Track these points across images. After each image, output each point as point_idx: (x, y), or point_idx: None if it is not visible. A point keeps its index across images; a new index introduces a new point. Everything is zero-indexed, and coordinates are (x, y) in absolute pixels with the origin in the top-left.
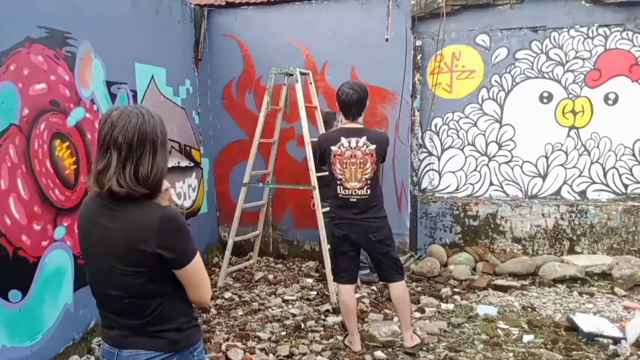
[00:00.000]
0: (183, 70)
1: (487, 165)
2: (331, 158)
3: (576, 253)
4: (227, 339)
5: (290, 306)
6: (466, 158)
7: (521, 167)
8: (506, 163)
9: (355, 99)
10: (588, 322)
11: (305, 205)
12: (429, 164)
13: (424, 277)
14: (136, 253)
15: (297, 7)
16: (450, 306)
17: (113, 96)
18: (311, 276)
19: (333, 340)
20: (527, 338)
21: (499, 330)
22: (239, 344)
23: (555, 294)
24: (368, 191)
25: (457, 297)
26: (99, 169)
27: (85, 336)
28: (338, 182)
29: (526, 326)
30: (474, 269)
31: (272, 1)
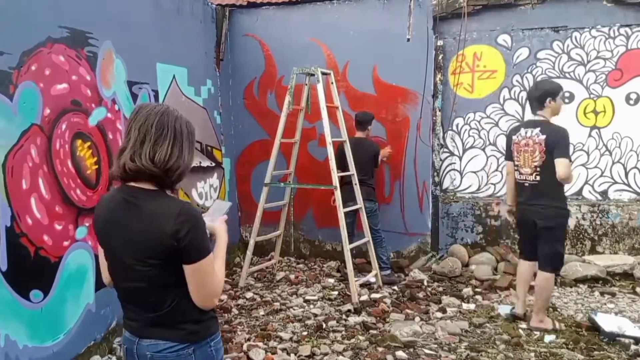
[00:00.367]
0: (204, 70)
1: None
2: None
3: (597, 253)
4: (249, 339)
5: (311, 306)
6: (488, 158)
7: None
8: None
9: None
10: (609, 322)
11: (326, 205)
12: (451, 164)
13: (446, 277)
14: (153, 244)
15: (319, 7)
16: (471, 306)
17: (134, 96)
18: (333, 276)
19: (354, 340)
20: (549, 338)
21: (521, 330)
22: (261, 344)
23: (576, 294)
24: (537, 177)
25: (479, 297)
26: (120, 148)
27: (106, 336)
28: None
29: None
30: (496, 269)
31: (294, 1)
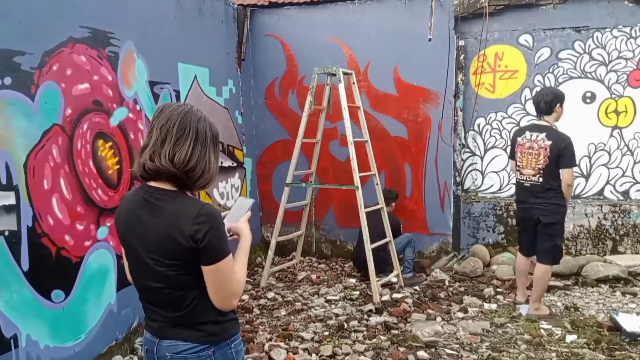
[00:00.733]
0: (226, 70)
1: None
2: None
3: (619, 253)
4: (270, 339)
5: (333, 306)
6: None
7: None
8: None
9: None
10: (631, 322)
11: (348, 205)
12: (472, 164)
13: (467, 277)
14: (172, 245)
15: (340, 7)
16: (493, 306)
17: (156, 96)
18: (354, 276)
19: (376, 340)
20: (570, 338)
21: (542, 330)
22: (282, 344)
23: (598, 294)
24: (540, 179)
25: (500, 297)
26: (142, 147)
27: (128, 336)
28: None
29: (569, 326)
30: None
31: (316, 1)
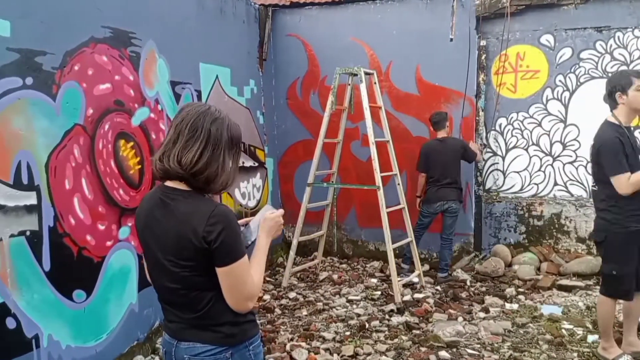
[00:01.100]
0: (247, 70)
1: (552, 165)
2: None
3: None
4: (292, 339)
5: (354, 306)
6: (530, 158)
7: (585, 167)
8: (571, 163)
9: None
10: None
11: (369, 205)
12: (494, 164)
13: (489, 277)
14: (186, 245)
15: (362, 7)
16: (514, 306)
17: (177, 96)
18: (375, 276)
19: (397, 340)
20: (592, 338)
21: (564, 330)
22: (304, 344)
23: None
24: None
25: (522, 297)
26: (159, 146)
27: (149, 336)
28: None
29: (590, 326)
30: (539, 269)
31: (337, 1)
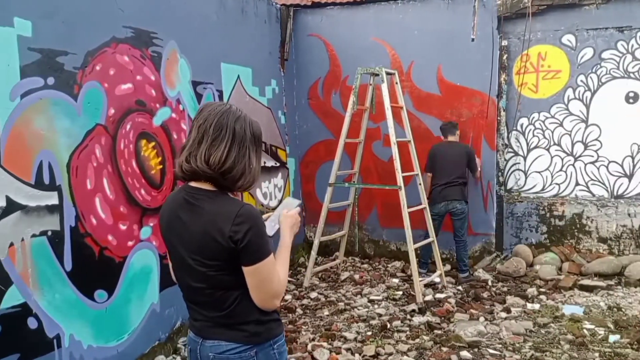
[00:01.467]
0: (269, 70)
1: (573, 165)
2: None
3: None
4: (313, 339)
5: (376, 306)
6: (552, 158)
7: (607, 167)
8: (592, 163)
9: None
10: None
11: (391, 205)
12: (515, 164)
13: (510, 277)
14: (212, 245)
15: (383, 7)
16: (536, 306)
17: (199, 96)
18: (397, 276)
19: (419, 340)
20: (613, 338)
21: (585, 330)
22: (325, 344)
23: None
24: None
25: (543, 297)
26: (181, 148)
27: (171, 336)
28: None
29: (612, 326)
30: (560, 269)
31: (359, 1)
